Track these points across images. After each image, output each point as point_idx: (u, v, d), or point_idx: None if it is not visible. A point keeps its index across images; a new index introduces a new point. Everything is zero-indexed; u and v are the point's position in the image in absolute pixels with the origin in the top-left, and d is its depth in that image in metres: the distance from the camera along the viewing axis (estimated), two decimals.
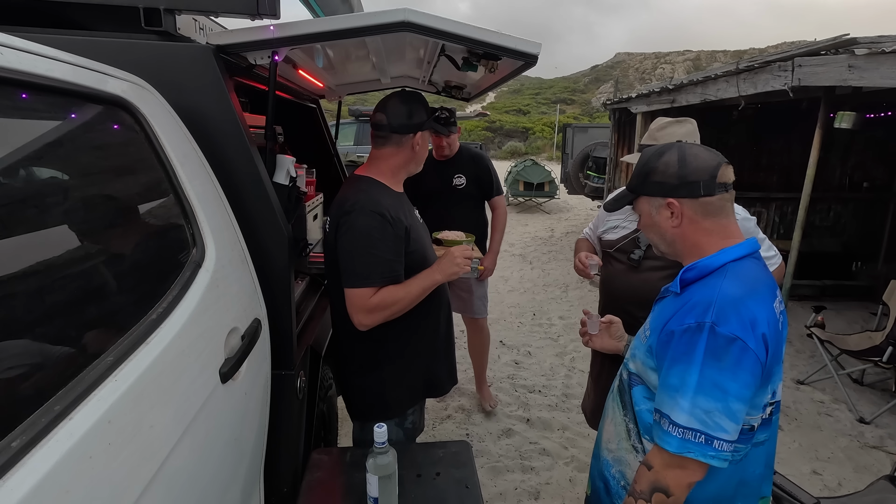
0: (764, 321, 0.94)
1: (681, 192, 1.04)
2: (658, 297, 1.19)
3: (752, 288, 0.98)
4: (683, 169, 1.04)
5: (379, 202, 1.45)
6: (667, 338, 1.00)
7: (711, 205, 1.03)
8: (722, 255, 1.03)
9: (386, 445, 1.18)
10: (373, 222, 1.42)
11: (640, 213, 1.14)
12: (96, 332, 0.86)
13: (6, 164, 0.79)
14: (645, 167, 1.10)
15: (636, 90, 6.08)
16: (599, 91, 62.36)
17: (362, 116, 9.66)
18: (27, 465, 0.62)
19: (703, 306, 0.96)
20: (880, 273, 5.34)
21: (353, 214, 1.43)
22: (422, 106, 1.56)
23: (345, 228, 1.44)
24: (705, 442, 0.91)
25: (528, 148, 35.97)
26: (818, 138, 3.38)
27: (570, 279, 6.41)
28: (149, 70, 1.27)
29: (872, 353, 3.26)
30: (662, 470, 0.96)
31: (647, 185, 1.09)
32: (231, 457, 1.17)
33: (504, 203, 3.07)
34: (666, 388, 0.97)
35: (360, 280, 1.42)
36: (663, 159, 1.07)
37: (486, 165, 2.94)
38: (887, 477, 1.64)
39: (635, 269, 1.83)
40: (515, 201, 12.35)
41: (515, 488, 2.52)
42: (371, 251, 1.42)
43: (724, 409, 0.91)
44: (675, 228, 1.07)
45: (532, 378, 3.73)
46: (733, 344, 0.91)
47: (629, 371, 1.16)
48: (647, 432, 1.07)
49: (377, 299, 1.43)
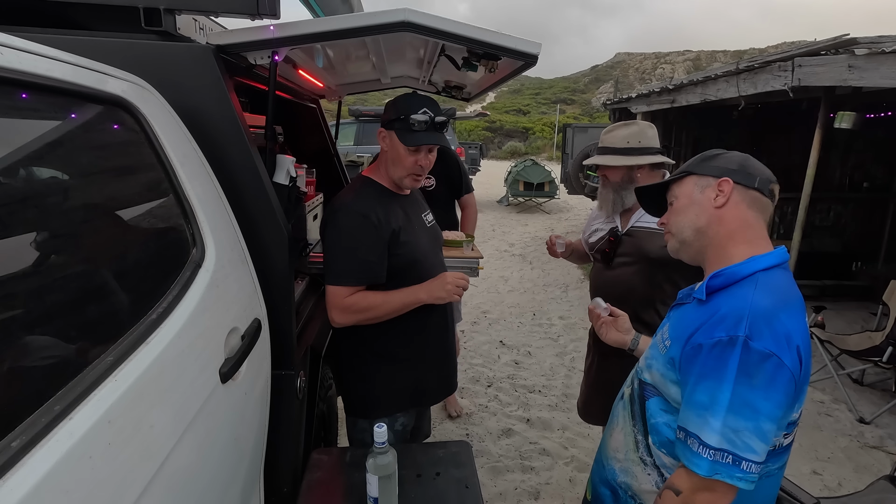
0: (798, 335, 0.90)
1: (737, 175, 1.03)
2: (676, 303, 1.13)
3: (784, 300, 0.93)
4: (746, 162, 1.05)
5: (366, 203, 1.47)
6: (693, 351, 0.93)
7: (759, 201, 1.02)
8: (752, 264, 0.97)
9: (386, 445, 1.18)
10: (354, 222, 1.45)
11: (680, 195, 1.09)
12: (96, 331, 0.86)
13: (6, 164, 0.79)
14: (704, 154, 1.10)
15: (636, 90, 6.08)
16: (599, 91, 62.35)
17: (362, 116, 9.66)
18: (27, 465, 0.61)
19: (735, 318, 0.90)
20: (880, 273, 5.33)
21: (338, 213, 1.48)
22: (394, 105, 1.51)
23: (329, 226, 1.49)
24: (733, 462, 0.86)
25: (528, 148, 35.97)
26: (818, 138, 3.39)
27: (570, 279, 6.41)
28: (149, 70, 1.27)
29: (872, 353, 3.26)
30: (692, 495, 0.91)
31: (705, 165, 1.07)
32: (231, 457, 1.17)
33: (474, 201, 2.92)
34: (693, 405, 0.91)
35: (337, 278, 1.46)
36: (728, 153, 1.08)
37: (456, 161, 2.82)
38: (887, 477, 1.64)
39: (608, 266, 1.87)
40: (515, 201, 12.35)
41: (515, 488, 2.52)
42: (350, 250, 1.44)
43: (755, 428, 0.86)
44: (717, 209, 1.03)
45: (532, 378, 3.73)
46: (768, 360, 0.86)
47: (642, 381, 1.11)
48: (664, 446, 1.02)
49: (352, 300, 1.45)
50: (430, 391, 1.70)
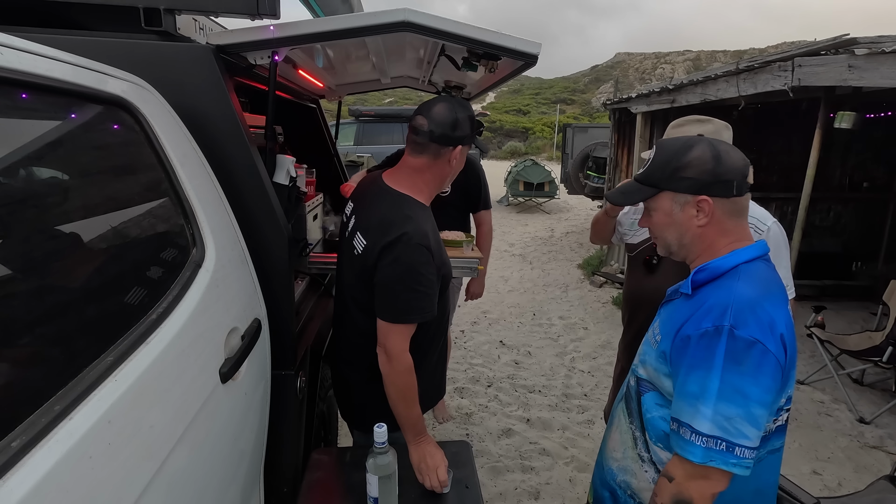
0: (782, 323, 0.92)
1: (715, 189, 0.98)
2: (665, 300, 1.15)
3: (767, 290, 0.96)
4: (719, 166, 0.98)
5: (426, 233, 1.36)
6: (682, 343, 0.96)
7: (738, 205, 1.01)
8: (734, 257, 1.00)
9: (386, 445, 1.18)
10: (421, 258, 1.32)
11: (657, 209, 1.06)
12: (96, 331, 0.86)
13: (6, 164, 0.79)
14: (672, 161, 1.02)
15: (636, 90, 6.08)
16: (599, 91, 62.32)
17: (362, 116, 9.67)
18: (27, 465, 0.62)
19: (720, 309, 0.93)
20: (880, 273, 5.34)
21: (399, 246, 1.31)
22: (469, 118, 1.41)
23: (390, 259, 1.32)
24: (727, 449, 0.88)
25: (528, 148, 35.94)
26: (818, 138, 3.38)
27: (570, 279, 6.41)
28: (149, 70, 1.27)
29: (872, 353, 3.26)
30: (685, 481, 0.92)
31: (676, 180, 1.01)
32: (231, 457, 1.17)
33: (490, 219, 2.73)
34: (684, 395, 0.94)
35: (399, 315, 1.34)
36: (694, 153, 1.00)
37: (477, 174, 2.64)
38: (887, 477, 1.64)
39: (649, 273, 1.79)
40: (515, 201, 12.34)
41: (515, 488, 2.52)
42: (415, 287, 1.33)
43: (746, 414, 0.88)
44: (699, 228, 1.01)
45: (532, 378, 3.73)
46: (753, 347, 0.89)
47: (638, 377, 1.13)
48: (660, 440, 1.04)
49: (409, 367, 1.35)
50: (430, 397, 1.70)
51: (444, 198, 2.57)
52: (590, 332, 4.64)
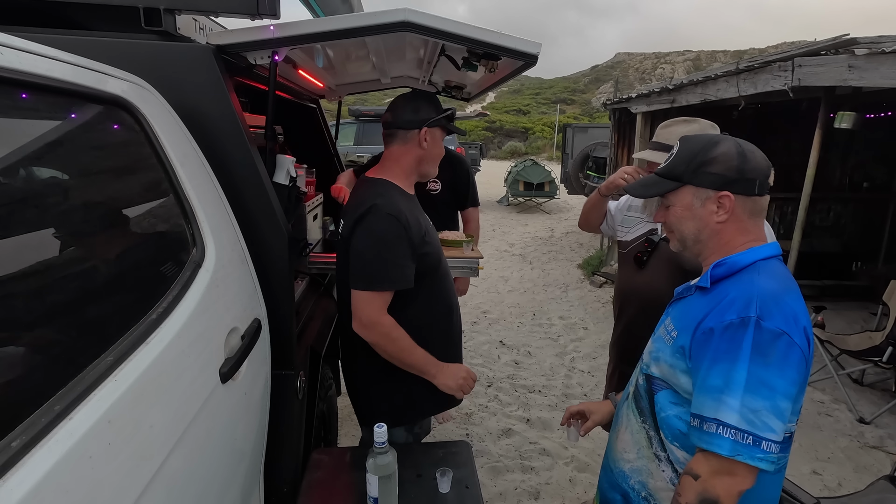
0: (803, 316, 0.92)
1: (738, 186, 0.99)
2: (677, 296, 1.13)
3: (787, 285, 0.96)
4: (745, 164, 0.99)
5: (398, 207, 1.42)
6: (705, 336, 0.94)
7: (758, 204, 1.01)
8: (752, 253, 1.00)
9: (386, 445, 1.18)
10: (389, 226, 1.39)
11: (677, 203, 1.06)
12: (96, 331, 0.86)
13: (6, 163, 0.79)
14: (699, 155, 1.02)
15: (636, 90, 6.07)
16: (599, 91, 62.34)
17: (362, 116, 9.66)
18: (27, 465, 0.62)
19: (744, 301, 0.92)
20: (880, 273, 5.33)
21: (369, 217, 1.40)
22: (429, 103, 1.53)
23: (361, 229, 1.40)
24: (753, 443, 0.86)
25: (528, 148, 35.96)
26: (818, 138, 3.38)
27: (569, 279, 6.41)
28: (149, 70, 1.27)
29: (872, 353, 3.26)
30: (711, 478, 0.90)
31: (701, 174, 1.01)
32: (231, 457, 1.17)
33: (478, 216, 2.78)
34: (707, 389, 0.91)
35: (369, 283, 1.39)
36: (721, 149, 1.00)
37: (466, 171, 2.69)
38: (887, 477, 1.64)
39: (639, 270, 1.80)
40: (515, 201, 12.35)
41: (515, 488, 2.52)
42: (384, 255, 1.39)
43: (772, 407, 0.87)
44: (717, 224, 1.01)
45: (532, 378, 3.73)
46: (780, 339, 0.88)
47: (649, 376, 1.11)
48: (677, 439, 1.02)
49: (388, 323, 1.40)
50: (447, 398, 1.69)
51: (433, 195, 2.63)
52: (590, 332, 4.64)
